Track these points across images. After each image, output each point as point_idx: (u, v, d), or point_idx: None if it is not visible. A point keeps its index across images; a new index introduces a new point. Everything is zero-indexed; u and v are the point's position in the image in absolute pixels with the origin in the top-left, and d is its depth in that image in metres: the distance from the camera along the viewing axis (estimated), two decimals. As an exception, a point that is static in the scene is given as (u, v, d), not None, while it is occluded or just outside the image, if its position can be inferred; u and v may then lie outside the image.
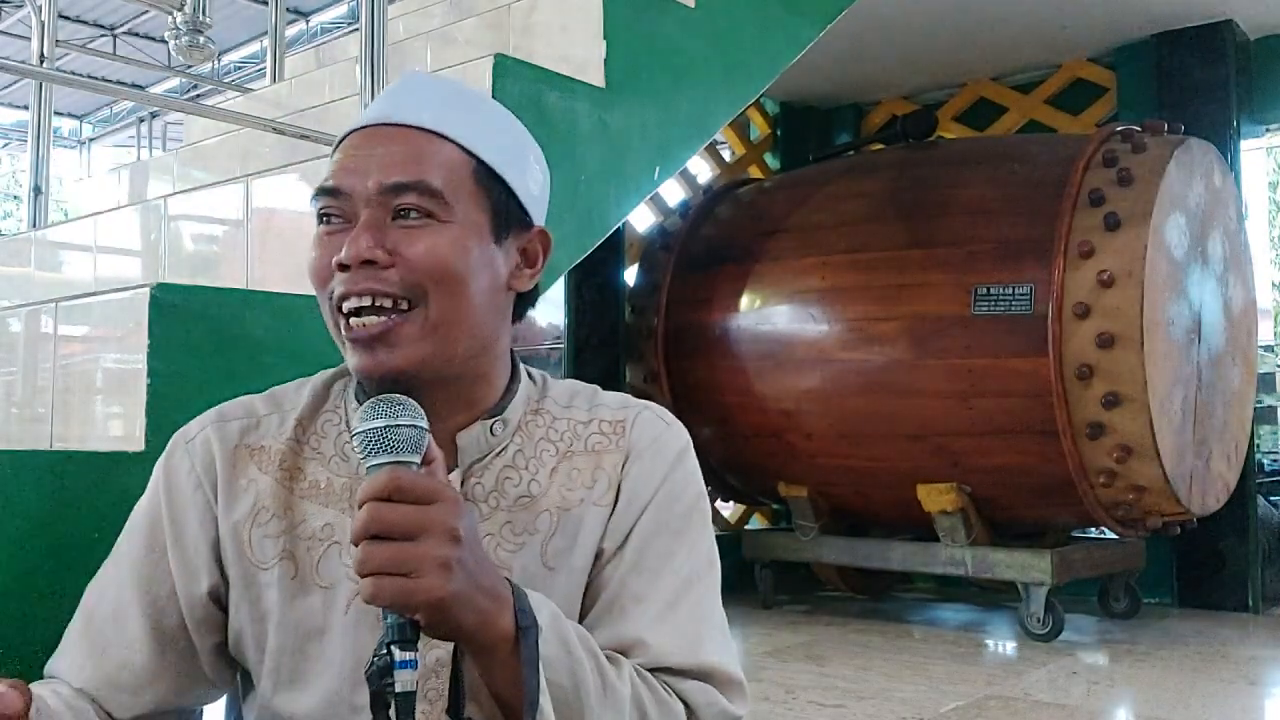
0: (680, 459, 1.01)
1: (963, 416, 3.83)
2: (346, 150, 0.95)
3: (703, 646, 0.93)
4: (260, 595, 0.94)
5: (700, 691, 0.92)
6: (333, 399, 1.02)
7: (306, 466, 0.97)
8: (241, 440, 0.99)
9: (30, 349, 1.80)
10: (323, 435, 0.99)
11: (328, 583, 0.93)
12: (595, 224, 2.28)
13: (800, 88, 5.33)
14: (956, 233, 3.92)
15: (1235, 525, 4.34)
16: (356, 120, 0.99)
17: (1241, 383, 4.17)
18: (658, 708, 0.89)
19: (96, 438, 1.63)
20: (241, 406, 1.02)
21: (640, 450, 0.99)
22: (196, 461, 0.99)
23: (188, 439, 1.00)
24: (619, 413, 1.02)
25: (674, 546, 0.96)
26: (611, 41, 2.29)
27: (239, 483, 0.97)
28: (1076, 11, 4.42)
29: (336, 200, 0.92)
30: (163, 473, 1.00)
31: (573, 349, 4.82)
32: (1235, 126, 4.51)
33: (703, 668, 0.92)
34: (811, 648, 3.82)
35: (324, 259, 0.92)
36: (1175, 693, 3.14)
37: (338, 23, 11.28)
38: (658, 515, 0.97)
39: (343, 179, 0.92)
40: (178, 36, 2.64)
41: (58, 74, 3.36)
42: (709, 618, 0.96)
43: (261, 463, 0.97)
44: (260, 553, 0.95)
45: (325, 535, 0.94)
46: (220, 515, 0.97)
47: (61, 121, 13.64)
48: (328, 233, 0.93)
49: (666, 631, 0.92)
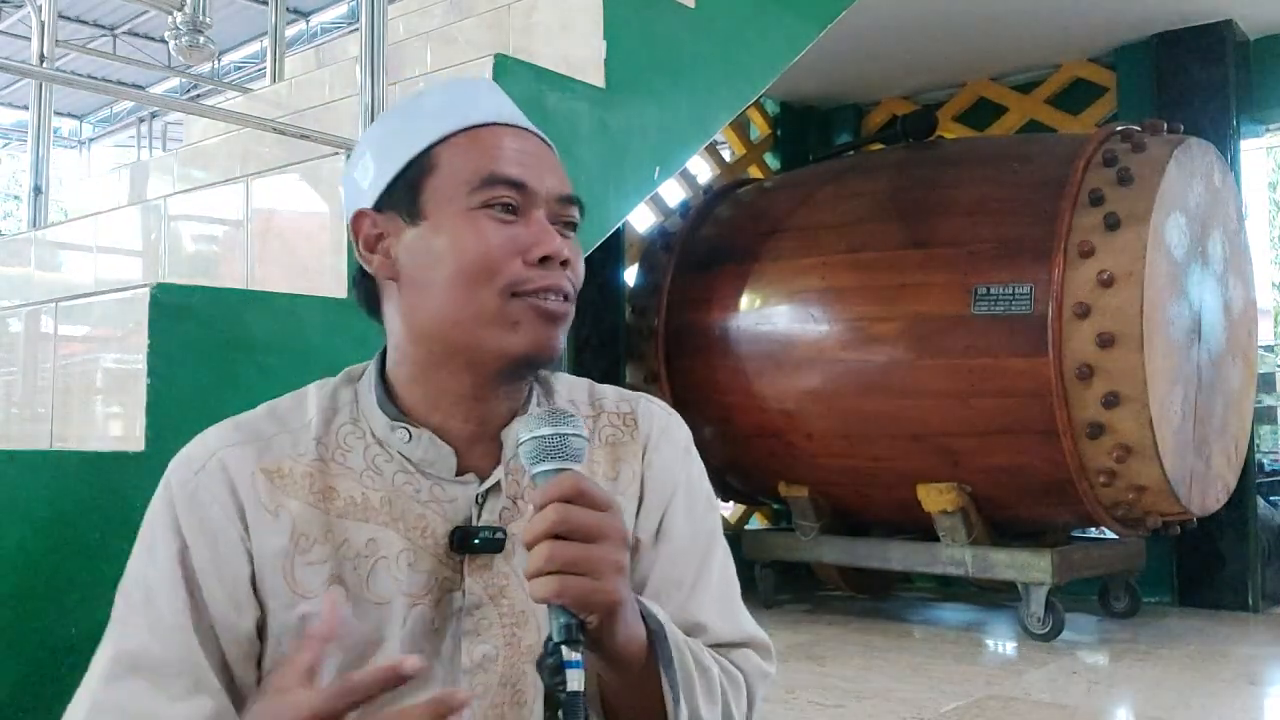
0: (690, 444, 1.07)
1: (963, 416, 3.83)
2: (503, 144, 0.95)
3: (741, 618, 1.04)
4: (308, 621, 0.89)
5: (745, 659, 1.01)
6: (344, 411, 0.98)
7: (338, 484, 0.94)
8: (258, 464, 0.93)
9: (30, 349, 1.80)
10: (347, 449, 0.96)
11: (382, 599, 0.91)
12: (595, 224, 2.28)
13: (800, 88, 5.33)
14: (956, 233, 3.92)
15: (1235, 525, 4.34)
16: (478, 110, 0.97)
17: (1241, 383, 4.17)
18: (729, 681, 0.98)
19: (96, 438, 1.63)
20: (245, 428, 0.96)
21: (655, 441, 1.04)
22: (219, 490, 0.92)
23: (197, 468, 0.93)
24: (622, 404, 1.06)
25: (702, 529, 1.04)
26: (611, 41, 2.30)
27: (266, 510, 0.92)
28: (1076, 11, 4.42)
29: (516, 192, 0.93)
30: (186, 508, 0.92)
31: (573, 349, 4.82)
32: (1235, 126, 4.51)
33: (745, 637, 1.03)
34: (812, 648, 3.82)
35: (504, 245, 0.92)
36: (1175, 693, 3.14)
37: (338, 23, 11.28)
38: (686, 503, 1.03)
39: (525, 174, 0.93)
40: (178, 36, 2.64)
41: (58, 74, 3.36)
42: (737, 590, 1.06)
43: (287, 487, 0.93)
44: (306, 583, 0.91)
45: (371, 551, 0.92)
46: (255, 547, 0.91)
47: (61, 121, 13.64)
48: (502, 221, 0.92)
49: (716, 611, 1.01)
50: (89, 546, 1.41)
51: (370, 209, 0.97)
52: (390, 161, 0.96)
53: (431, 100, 0.98)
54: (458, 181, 0.93)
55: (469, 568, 0.93)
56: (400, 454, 0.95)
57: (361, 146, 1.01)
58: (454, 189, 0.93)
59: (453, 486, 0.95)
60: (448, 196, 0.93)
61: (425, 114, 0.97)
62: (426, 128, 0.96)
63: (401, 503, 0.94)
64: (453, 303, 0.92)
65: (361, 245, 0.97)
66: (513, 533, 0.95)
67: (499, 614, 0.94)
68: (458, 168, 0.93)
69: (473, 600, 0.93)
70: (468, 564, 0.93)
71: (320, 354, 1.67)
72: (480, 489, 0.95)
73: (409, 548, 0.93)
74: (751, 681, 1.01)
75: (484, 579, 0.94)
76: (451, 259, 0.92)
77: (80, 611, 1.40)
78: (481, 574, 0.94)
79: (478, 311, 0.92)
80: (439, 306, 0.93)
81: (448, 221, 0.93)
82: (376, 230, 0.96)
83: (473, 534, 0.93)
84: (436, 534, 0.94)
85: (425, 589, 0.92)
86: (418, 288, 0.94)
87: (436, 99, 0.98)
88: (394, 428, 0.95)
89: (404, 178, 0.95)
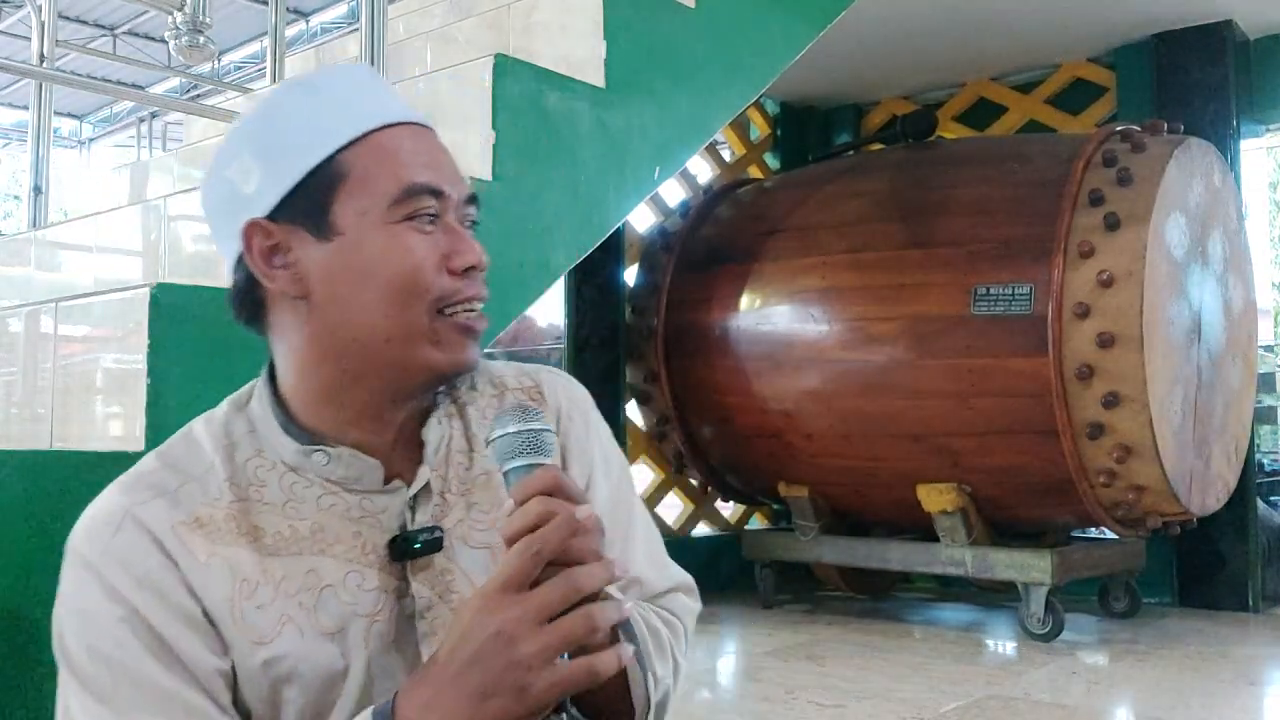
0: (594, 406, 1.09)
1: (963, 416, 3.83)
2: (412, 148, 0.92)
3: (668, 566, 1.09)
4: (270, 668, 0.87)
5: (676, 601, 1.08)
6: (244, 444, 0.93)
7: (262, 522, 0.90)
8: (173, 518, 0.88)
9: (30, 349, 1.81)
10: (261, 484, 0.92)
11: (335, 628, 0.89)
12: (595, 224, 2.28)
13: (800, 88, 5.32)
14: (956, 233, 3.92)
15: (1235, 525, 4.34)
16: (380, 109, 0.93)
17: (1241, 383, 4.17)
18: (671, 631, 1.03)
19: (96, 438, 1.63)
20: (145, 485, 0.90)
21: (567, 411, 1.05)
22: (146, 546, 0.87)
23: (111, 533, 0.87)
24: (524, 379, 1.06)
25: (621, 488, 1.07)
26: (611, 41, 2.30)
27: (199, 561, 0.87)
28: (1076, 11, 4.42)
29: (437, 201, 0.91)
30: (117, 571, 0.85)
31: (573, 349, 4.82)
32: (1235, 126, 4.51)
33: (674, 583, 1.08)
34: (812, 648, 3.82)
35: (432, 259, 0.90)
36: (1175, 693, 3.14)
37: (338, 23, 11.29)
38: (604, 467, 1.05)
39: (440, 180, 0.92)
40: (178, 36, 2.64)
41: (58, 74, 3.36)
42: (659, 537, 1.10)
43: (212, 535, 0.88)
44: (259, 628, 0.87)
45: (313, 583, 0.89)
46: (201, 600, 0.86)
47: (61, 121, 13.64)
48: (425, 232, 0.90)
49: (647, 565, 1.06)
50: (89, 546, 1.41)
51: (263, 219, 0.90)
52: (283, 167, 0.90)
53: (322, 96, 0.93)
54: (375, 193, 0.89)
55: (413, 572, 0.92)
56: (320, 476, 0.92)
57: (235, 143, 0.93)
58: (370, 202, 0.89)
59: (381, 496, 0.93)
60: (363, 210, 0.89)
61: (318, 113, 0.91)
62: (325, 130, 0.90)
63: (333, 525, 0.91)
64: (382, 320, 0.89)
65: (259, 259, 0.91)
66: (448, 528, 0.94)
67: (450, 610, 0.93)
68: (372, 178, 0.89)
69: (424, 603, 0.92)
70: (411, 569, 0.92)
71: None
72: (411, 493, 0.94)
73: (353, 568, 0.91)
74: (685, 622, 1.07)
75: (429, 579, 0.93)
76: (377, 276, 0.89)
77: (80, 611, 1.39)
78: (426, 575, 0.93)
79: (408, 329, 0.90)
80: (361, 326, 0.90)
81: (368, 237, 0.89)
82: (272, 242, 0.91)
83: (412, 539, 0.92)
84: (376, 547, 0.92)
85: (379, 604, 0.91)
86: (335, 307, 0.90)
87: (327, 95, 0.93)
88: (309, 452, 0.92)
89: (307, 187, 0.90)
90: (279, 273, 0.91)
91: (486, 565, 0.94)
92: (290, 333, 0.94)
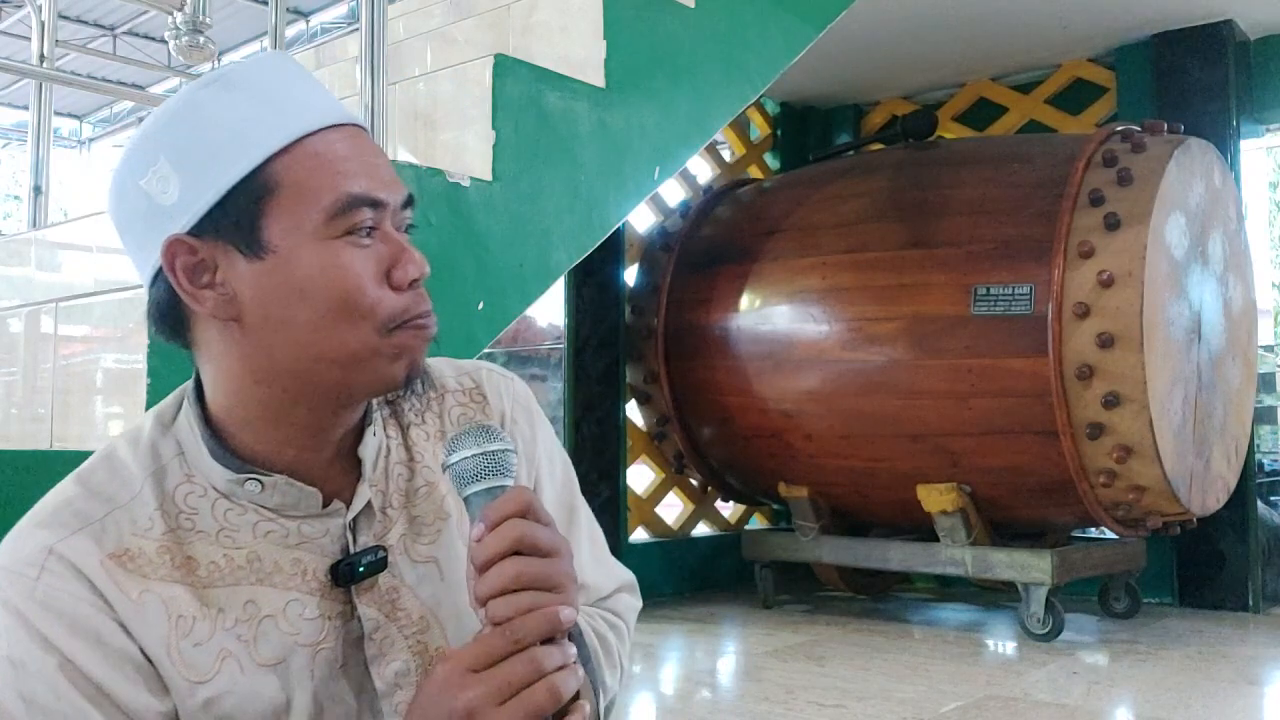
0: (535, 404, 1.06)
1: (963, 416, 3.83)
2: (345, 154, 0.85)
3: (613, 567, 1.09)
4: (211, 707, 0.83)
5: (619, 602, 1.08)
6: (173, 469, 0.88)
7: (195, 552, 0.85)
8: (101, 552, 0.82)
9: (30, 349, 1.81)
10: (193, 511, 0.86)
11: (275, 659, 0.85)
12: (595, 224, 2.28)
13: (800, 88, 5.32)
14: (956, 233, 3.92)
15: (1235, 525, 4.34)
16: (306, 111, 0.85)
17: (1241, 383, 4.17)
18: (616, 635, 1.04)
19: (96, 438, 1.63)
20: (68, 516, 0.84)
21: (511, 413, 1.02)
22: (76, 588, 0.81)
23: (35, 574, 0.81)
24: (463, 378, 1.02)
25: (566, 491, 1.06)
26: (611, 41, 2.30)
27: (131, 598, 0.81)
28: (1076, 11, 4.42)
29: (375, 211, 0.85)
30: (45, 618, 0.79)
31: (573, 349, 4.82)
32: (1235, 126, 4.51)
33: (618, 584, 1.09)
34: (812, 648, 3.82)
35: (372, 275, 0.84)
36: (1175, 693, 3.14)
37: (338, 23, 11.30)
38: (549, 469, 1.04)
39: (377, 189, 0.85)
40: (178, 36, 2.64)
41: (58, 74, 3.36)
42: (602, 538, 1.10)
43: (144, 568, 0.83)
44: (199, 665, 0.83)
45: (251, 615, 0.85)
46: (138, 640, 0.82)
47: (61, 121, 13.64)
48: (363, 246, 0.84)
49: (593, 568, 1.05)
50: (89, 546, 1.41)
51: (186, 235, 0.83)
52: (205, 179, 0.82)
53: (241, 97, 0.84)
54: (308, 207, 0.82)
55: (358, 594, 0.89)
56: (254, 503, 0.87)
57: (149, 148, 0.84)
58: (304, 216, 0.82)
59: (319, 521, 0.89)
60: (295, 224, 0.82)
61: (240, 115, 0.83)
62: (249, 136, 0.83)
63: (270, 554, 0.87)
64: (320, 343, 0.83)
65: (183, 279, 0.84)
66: (390, 544, 0.91)
67: (398, 628, 0.90)
68: (304, 190, 0.82)
69: (370, 624, 0.89)
70: (356, 591, 0.89)
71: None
72: (350, 515, 0.90)
73: (293, 597, 0.87)
74: (628, 620, 1.08)
75: (375, 599, 0.89)
76: (315, 297, 0.83)
77: (80, 611, 1.40)
78: (371, 595, 0.89)
79: (353, 350, 0.84)
80: (302, 348, 0.84)
81: (303, 255, 0.82)
82: (197, 259, 0.84)
83: (356, 563, 0.88)
84: (317, 573, 0.88)
85: (323, 632, 0.87)
86: (270, 329, 0.84)
87: (247, 94, 0.84)
88: (241, 480, 0.86)
89: (233, 200, 0.82)
90: (206, 293, 0.84)
91: (433, 579, 0.92)
92: (219, 354, 0.87)
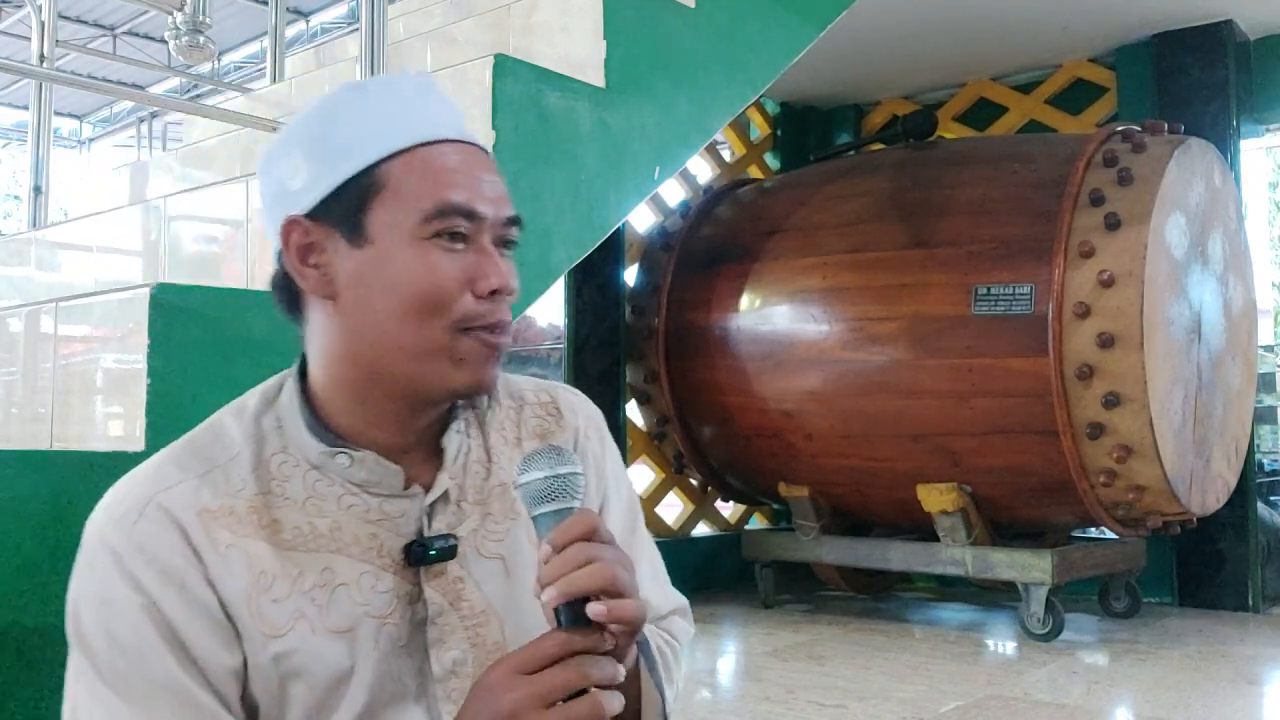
0: (605, 426, 1.12)
1: (963, 416, 3.83)
2: (454, 166, 0.92)
3: (670, 589, 1.13)
4: (280, 662, 0.88)
5: (675, 625, 1.12)
6: (271, 439, 0.94)
7: (282, 516, 0.91)
8: (196, 504, 0.89)
9: (30, 349, 1.81)
10: (285, 479, 0.93)
11: (345, 627, 0.90)
12: (595, 224, 2.28)
13: (800, 88, 5.33)
14: (957, 233, 3.92)
15: (1235, 525, 4.34)
16: (425, 123, 0.93)
17: (1241, 383, 4.17)
18: (673, 655, 1.08)
19: (96, 438, 1.63)
20: (172, 470, 0.91)
21: (585, 431, 1.08)
22: (170, 536, 0.87)
23: (134, 519, 0.87)
24: (540, 394, 1.09)
25: (631, 510, 1.11)
26: (611, 41, 2.30)
27: (219, 551, 0.88)
28: (1076, 11, 4.42)
29: (470, 222, 0.91)
30: (139, 561, 0.86)
31: (573, 349, 4.82)
32: (1235, 126, 4.51)
33: (674, 606, 1.13)
34: (812, 647, 3.82)
35: (456, 278, 0.90)
36: (1175, 693, 3.14)
37: (338, 23, 11.29)
38: (616, 488, 1.09)
39: (476, 201, 0.92)
40: (178, 36, 2.64)
41: (58, 74, 3.36)
42: (660, 558, 1.14)
43: (232, 525, 0.89)
44: (274, 621, 0.88)
45: (327, 580, 0.90)
46: (220, 591, 0.87)
47: (61, 121, 13.65)
48: (452, 250, 0.91)
49: (651, 586, 1.08)
50: (89, 546, 1.41)
51: (303, 217, 0.92)
52: (328, 169, 0.91)
53: (373, 103, 0.93)
54: (409, 208, 0.90)
55: (426, 577, 0.94)
56: (342, 477, 0.93)
57: (289, 139, 0.95)
58: (404, 215, 0.90)
59: (400, 501, 0.94)
60: (396, 221, 0.90)
61: (368, 119, 0.92)
62: (370, 138, 0.91)
63: (351, 525, 0.92)
64: (398, 333, 0.90)
65: (294, 256, 0.92)
66: (462, 536, 0.96)
67: (460, 618, 0.94)
68: (409, 192, 0.90)
69: (434, 609, 0.93)
70: (425, 574, 0.94)
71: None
72: (428, 500, 0.95)
73: (368, 569, 0.92)
74: (683, 645, 1.12)
75: (441, 586, 0.94)
76: (400, 290, 0.90)
77: (80, 611, 1.39)
78: (438, 581, 0.94)
79: (424, 345, 0.90)
80: (383, 335, 0.91)
81: (397, 249, 0.90)
82: (309, 240, 0.92)
83: (428, 545, 0.93)
84: (391, 550, 0.93)
85: (390, 607, 0.92)
86: (359, 313, 0.91)
87: (381, 102, 0.93)
88: (333, 454, 0.93)
89: (346, 192, 0.91)
90: (310, 271, 0.92)
91: (498, 575, 0.97)
92: (319, 332, 0.95)
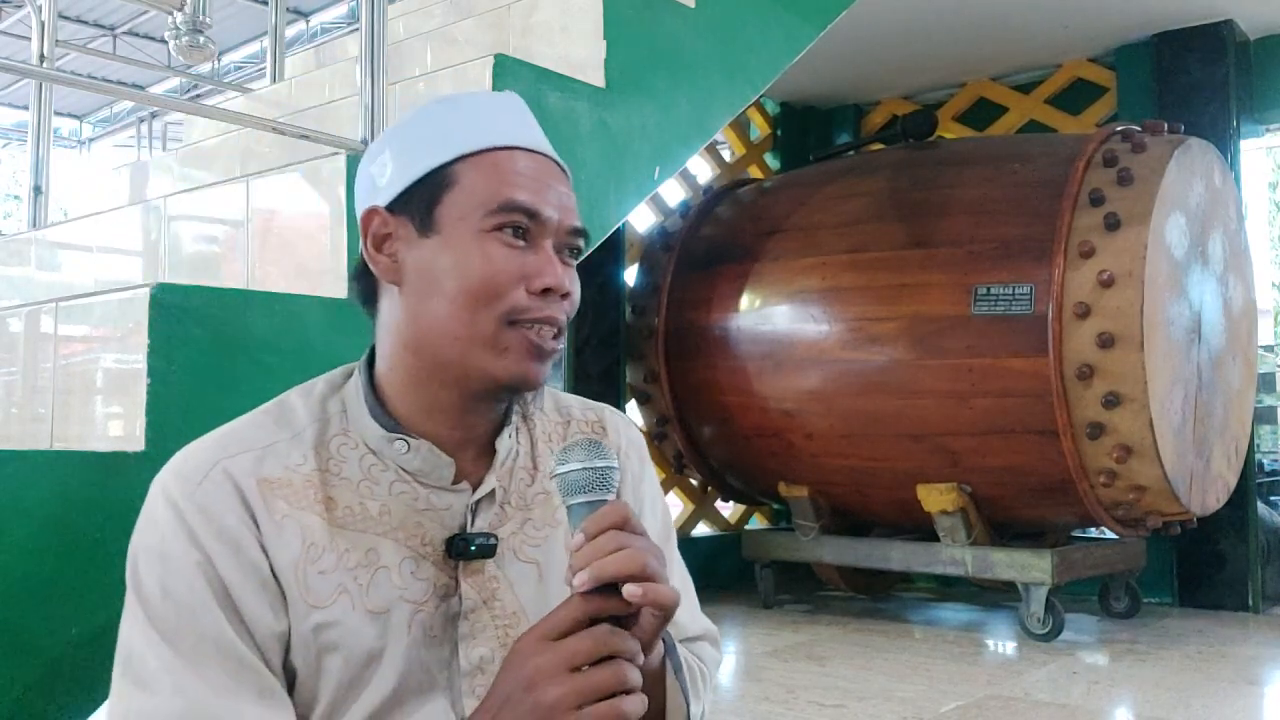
0: (646, 450, 1.15)
1: (963, 416, 3.83)
2: (523, 170, 0.97)
3: (699, 613, 1.14)
4: (319, 633, 0.91)
5: (703, 650, 1.13)
6: (334, 421, 0.99)
7: (336, 494, 0.95)
8: (257, 472, 0.93)
9: (30, 349, 1.80)
10: (342, 460, 0.97)
11: (381, 608, 0.92)
12: (595, 224, 2.28)
13: (800, 88, 5.33)
14: (957, 233, 3.92)
15: (1235, 525, 4.34)
16: (503, 131, 0.98)
17: (1241, 383, 4.17)
18: (701, 677, 1.08)
19: (96, 438, 1.63)
20: (237, 439, 0.95)
21: (626, 451, 1.11)
22: (229, 500, 0.91)
23: (199, 479, 0.92)
24: (588, 412, 1.12)
25: (665, 533, 1.13)
26: (611, 41, 2.30)
27: (275, 519, 0.92)
28: (1076, 11, 4.42)
29: (532, 222, 0.95)
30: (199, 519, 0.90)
31: (573, 349, 4.82)
32: (1235, 126, 4.51)
33: (703, 630, 1.14)
34: (812, 647, 3.82)
35: (511, 271, 0.94)
36: (1175, 693, 3.14)
37: (338, 23, 11.29)
38: (652, 509, 1.12)
39: (539, 202, 0.96)
40: (178, 36, 2.64)
41: (58, 74, 3.36)
42: (691, 586, 1.14)
43: (289, 496, 0.93)
44: (319, 592, 0.91)
45: (370, 561, 0.93)
46: (272, 557, 0.91)
47: (61, 121, 13.65)
48: (511, 246, 0.95)
49: (684, 609, 1.06)
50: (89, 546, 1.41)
51: (383, 208, 0.98)
52: (410, 166, 0.97)
53: (460, 112, 1.00)
54: (474, 202, 0.95)
55: (463, 573, 0.96)
56: (396, 463, 0.97)
57: (384, 141, 1.02)
58: (469, 209, 0.95)
59: (447, 494, 0.97)
60: (462, 215, 0.95)
61: (450, 124, 0.98)
62: (451, 140, 0.97)
63: (399, 512, 0.96)
64: (451, 319, 0.94)
65: (370, 242, 0.98)
66: (502, 537, 0.98)
67: (492, 616, 0.96)
68: (476, 188, 0.95)
69: (468, 604, 0.96)
70: (462, 569, 0.96)
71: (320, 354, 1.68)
72: (475, 497, 0.98)
73: (410, 555, 0.95)
74: (711, 672, 1.12)
75: (477, 583, 0.96)
76: (457, 277, 0.94)
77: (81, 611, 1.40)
78: (475, 578, 0.96)
79: (474, 332, 0.94)
80: (437, 320, 0.95)
81: (459, 240, 0.95)
82: (386, 230, 0.98)
83: (469, 540, 0.96)
84: (434, 541, 0.96)
85: (426, 595, 0.94)
86: (420, 298, 0.96)
87: (466, 111, 1.00)
88: (391, 439, 0.96)
89: (422, 186, 0.96)
90: (382, 258, 0.98)
91: (532, 579, 0.99)
92: (386, 319, 1.00)
